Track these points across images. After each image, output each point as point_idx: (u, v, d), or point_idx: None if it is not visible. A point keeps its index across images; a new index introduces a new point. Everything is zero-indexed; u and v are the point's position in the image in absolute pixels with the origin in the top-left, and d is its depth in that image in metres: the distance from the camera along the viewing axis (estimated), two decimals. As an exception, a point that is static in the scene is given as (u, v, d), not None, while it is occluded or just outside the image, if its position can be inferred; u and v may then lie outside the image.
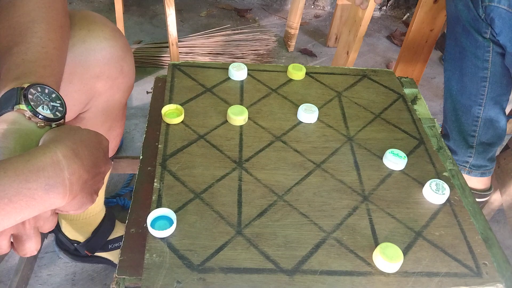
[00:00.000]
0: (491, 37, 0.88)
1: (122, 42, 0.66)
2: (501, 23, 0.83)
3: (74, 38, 0.60)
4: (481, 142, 1.02)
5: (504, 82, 0.94)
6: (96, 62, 0.62)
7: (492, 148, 1.03)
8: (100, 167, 0.46)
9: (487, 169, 1.06)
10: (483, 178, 1.08)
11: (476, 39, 0.90)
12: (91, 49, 0.62)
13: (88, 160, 0.44)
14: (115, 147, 0.80)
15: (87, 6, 1.90)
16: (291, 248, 0.54)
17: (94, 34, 0.62)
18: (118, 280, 0.53)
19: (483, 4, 0.84)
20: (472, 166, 1.05)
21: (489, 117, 0.98)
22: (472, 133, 1.01)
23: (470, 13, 0.88)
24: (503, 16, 0.82)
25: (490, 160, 1.05)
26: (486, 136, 1.01)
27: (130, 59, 0.69)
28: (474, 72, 0.94)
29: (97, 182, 0.47)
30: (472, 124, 1.00)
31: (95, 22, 0.63)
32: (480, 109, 0.97)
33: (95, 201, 0.47)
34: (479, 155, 1.03)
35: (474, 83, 0.95)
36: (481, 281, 0.53)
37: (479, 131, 1.00)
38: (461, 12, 0.90)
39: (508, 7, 0.81)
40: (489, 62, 0.92)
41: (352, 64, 1.33)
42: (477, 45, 0.91)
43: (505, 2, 0.81)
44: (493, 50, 0.90)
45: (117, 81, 0.67)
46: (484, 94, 0.95)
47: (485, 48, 0.90)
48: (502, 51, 0.89)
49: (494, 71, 0.92)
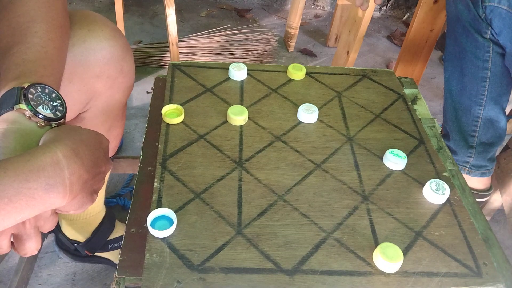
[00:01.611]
0: (491, 37, 0.88)
1: (122, 42, 0.66)
2: (501, 23, 0.83)
3: (74, 37, 0.60)
4: (481, 142, 1.01)
5: (504, 82, 0.94)
6: (96, 61, 0.62)
7: (492, 148, 1.03)
8: (101, 167, 0.46)
9: (487, 169, 1.06)
10: (483, 178, 1.07)
11: (476, 39, 0.90)
12: (91, 48, 0.62)
13: (89, 160, 0.44)
14: (115, 147, 0.80)
15: (87, 6, 1.90)
16: (291, 248, 0.54)
17: (94, 34, 0.62)
18: (118, 280, 0.53)
19: (483, 4, 0.84)
20: (472, 166, 1.05)
21: (489, 117, 0.98)
22: (472, 133, 1.01)
23: (470, 13, 0.88)
24: (503, 16, 0.82)
25: (490, 160, 1.05)
26: (486, 136, 1.01)
27: (130, 59, 0.69)
28: (474, 72, 0.94)
29: (97, 182, 0.47)
30: (472, 124, 1.00)
31: (95, 22, 0.63)
32: (480, 109, 0.97)
33: (95, 201, 0.47)
34: (479, 155, 1.03)
35: (474, 83, 0.95)
36: (481, 281, 0.53)
37: (479, 131, 1.00)
38: (461, 12, 0.90)
39: (508, 7, 0.81)
40: (489, 62, 0.91)
41: (352, 64, 1.33)
42: (477, 45, 0.91)
43: (505, 2, 0.81)
44: (493, 50, 0.90)
45: (117, 81, 0.67)
46: (484, 94, 0.95)
47: (485, 48, 0.90)
48: (502, 51, 0.89)
49: (494, 71, 0.92)
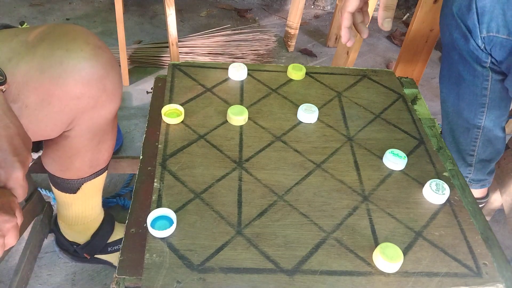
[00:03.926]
0: (491, 66, 0.85)
1: (104, 60, 0.61)
2: (503, 52, 0.81)
3: (52, 58, 0.57)
4: (480, 160, 0.99)
5: (503, 105, 0.91)
6: (75, 83, 0.59)
7: (491, 164, 1.01)
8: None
9: (486, 181, 1.05)
10: (482, 189, 1.07)
11: (474, 68, 0.87)
12: (69, 70, 0.58)
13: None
14: (108, 158, 0.78)
15: (87, 6, 1.90)
16: (291, 248, 0.54)
17: (73, 55, 0.58)
18: (118, 280, 0.52)
19: (481, 34, 0.81)
20: (472, 180, 1.04)
21: (487, 137, 0.95)
22: (471, 153, 0.98)
23: (468, 44, 0.84)
24: (504, 45, 0.80)
25: (489, 174, 1.03)
26: (485, 153, 0.98)
27: (113, 76, 0.64)
28: (471, 99, 0.91)
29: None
30: (471, 144, 0.97)
31: (74, 40, 0.59)
32: (478, 131, 0.94)
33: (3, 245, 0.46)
34: (479, 171, 1.01)
35: (472, 109, 0.92)
36: (481, 281, 0.53)
37: (478, 150, 0.97)
38: (458, 41, 0.86)
39: (508, 36, 0.78)
40: (487, 90, 0.88)
41: (352, 64, 1.33)
42: (475, 74, 0.88)
43: (504, 31, 0.78)
44: (492, 79, 0.87)
45: (101, 100, 0.64)
46: (482, 118, 0.92)
47: (484, 77, 0.87)
48: (502, 78, 0.86)
49: (493, 97, 0.89)
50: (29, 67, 0.56)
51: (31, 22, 1.73)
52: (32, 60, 0.56)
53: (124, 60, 1.40)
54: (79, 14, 1.85)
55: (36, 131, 0.61)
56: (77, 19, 1.81)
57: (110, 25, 1.77)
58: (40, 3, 1.87)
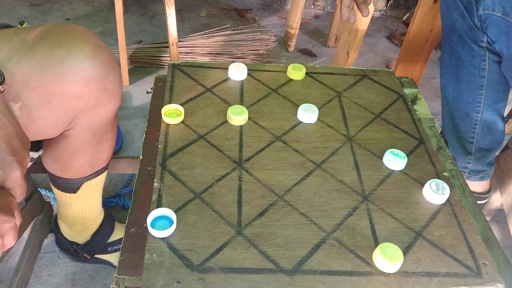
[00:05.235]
0: (487, 46, 0.88)
1: (105, 59, 0.61)
2: (497, 30, 0.83)
3: (52, 58, 0.56)
4: (480, 148, 1.01)
5: (501, 89, 0.94)
6: (75, 83, 0.59)
7: (490, 153, 1.03)
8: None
9: (486, 173, 1.06)
10: (482, 182, 1.07)
11: (472, 48, 0.90)
12: (69, 70, 0.57)
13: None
14: (108, 157, 0.78)
15: (87, 6, 1.90)
16: (291, 248, 0.54)
17: (73, 54, 0.58)
18: (118, 280, 0.52)
19: (477, 12, 0.83)
20: (471, 172, 1.05)
21: (487, 123, 0.97)
22: (470, 140, 1.01)
23: (465, 22, 0.87)
24: (498, 23, 0.82)
25: (489, 165, 1.05)
26: (484, 142, 1.00)
27: (114, 75, 0.64)
28: (470, 80, 0.94)
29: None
30: (470, 131, 0.99)
31: (75, 40, 0.59)
32: (477, 116, 0.97)
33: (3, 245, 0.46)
34: (478, 161, 1.03)
35: (471, 91, 0.95)
36: (481, 281, 0.53)
37: (477, 137, 1.00)
38: (456, 22, 0.90)
39: (503, 14, 0.81)
40: (485, 71, 0.91)
41: (352, 64, 1.33)
42: (473, 54, 0.91)
43: (499, 9, 0.81)
44: (489, 59, 0.89)
45: (101, 99, 0.64)
46: (481, 102, 0.95)
47: (482, 57, 0.90)
48: (499, 59, 0.89)
49: (491, 79, 0.92)
50: (29, 67, 0.56)
51: (31, 22, 1.73)
52: (32, 60, 0.56)
53: (124, 60, 1.40)
54: (79, 14, 1.85)
55: (36, 131, 0.61)
56: (77, 19, 1.81)
57: (110, 25, 1.77)
58: (40, 3, 1.87)
